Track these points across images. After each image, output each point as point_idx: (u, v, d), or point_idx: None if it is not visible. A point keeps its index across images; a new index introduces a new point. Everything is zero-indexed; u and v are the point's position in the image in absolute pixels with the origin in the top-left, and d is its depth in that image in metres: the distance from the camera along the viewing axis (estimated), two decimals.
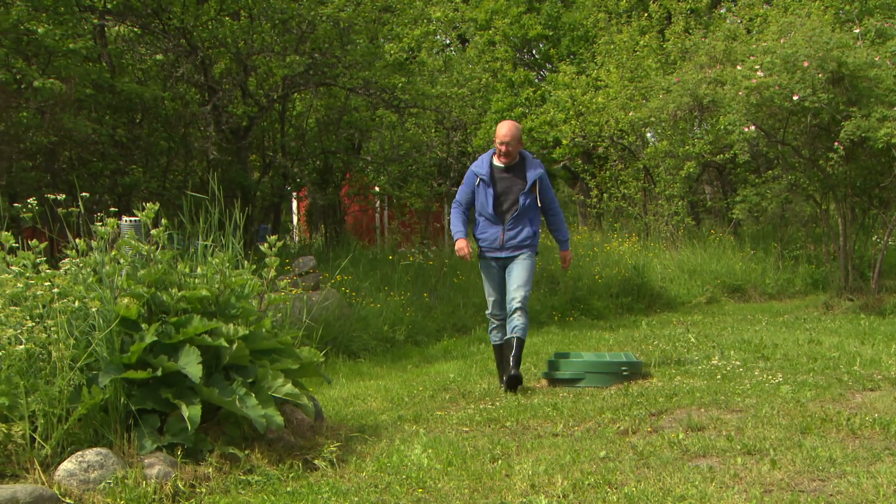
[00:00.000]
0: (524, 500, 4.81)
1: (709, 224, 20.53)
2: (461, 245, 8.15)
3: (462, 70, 18.19)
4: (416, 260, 15.38)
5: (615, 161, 20.58)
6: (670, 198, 18.90)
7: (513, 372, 7.85)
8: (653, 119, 18.06)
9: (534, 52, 26.09)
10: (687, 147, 18.35)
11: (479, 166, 8.05)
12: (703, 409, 6.77)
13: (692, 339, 10.51)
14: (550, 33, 24.27)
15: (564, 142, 20.95)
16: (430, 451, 5.87)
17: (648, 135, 20.67)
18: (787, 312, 13.96)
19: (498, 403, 7.53)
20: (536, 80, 24.92)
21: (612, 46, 20.62)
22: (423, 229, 19.63)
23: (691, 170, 18.67)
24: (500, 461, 5.61)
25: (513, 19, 23.73)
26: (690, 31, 18.89)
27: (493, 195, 7.95)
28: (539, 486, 4.96)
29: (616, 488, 4.89)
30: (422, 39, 16.91)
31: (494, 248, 8.01)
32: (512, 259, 7.98)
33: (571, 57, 23.51)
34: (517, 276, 7.91)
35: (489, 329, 8.41)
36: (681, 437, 5.91)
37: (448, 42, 21.87)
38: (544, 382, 8.44)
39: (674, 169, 18.75)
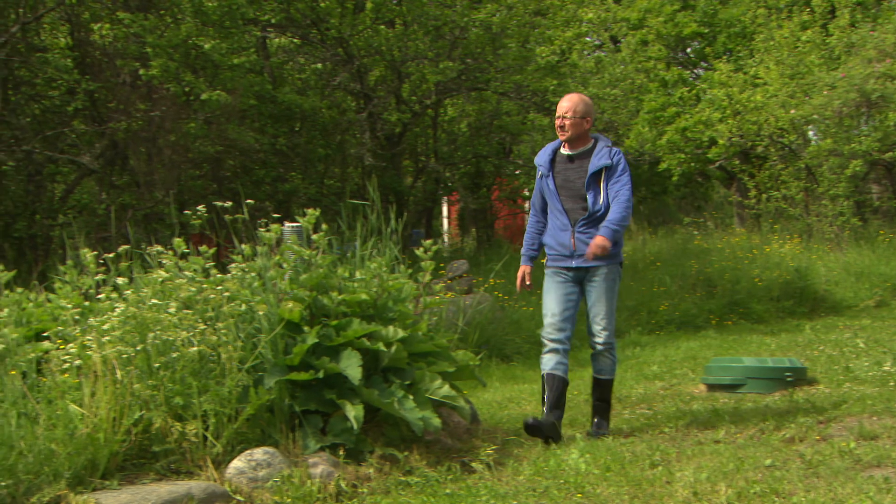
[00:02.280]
0: None
1: (877, 225, 19.76)
2: (519, 275, 6.65)
3: (614, 71, 18.05)
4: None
5: (775, 160, 20.01)
6: (835, 198, 18.26)
7: (596, 425, 6.58)
8: (815, 116, 17.49)
9: (688, 50, 25.62)
10: (853, 145, 17.71)
11: (541, 155, 6.53)
12: (875, 418, 6.47)
13: (861, 345, 10.10)
14: (706, 31, 23.76)
15: (721, 141, 20.49)
16: (587, 455, 5.83)
17: (810, 133, 20.03)
18: None
19: (656, 409, 7.44)
20: (691, 79, 24.46)
21: (771, 43, 20.06)
22: None
23: (857, 168, 18.00)
24: (659, 467, 5.50)
25: (666, 17, 23.33)
26: (857, 25, 18.22)
27: (555, 189, 6.40)
28: (702, 493, 4.83)
29: (784, 498, 4.72)
30: (573, 41, 16.84)
31: (563, 257, 6.39)
32: (587, 272, 6.37)
33: (728, 54, 22.96)
34: (598, 306, 6.41)
35: (542, 352, 6.61)
36: (852, 445, 5.63)
37: (600, 43, 21.71)
38: (703, 388, 8.28)
39: (838, 168, 18.11)
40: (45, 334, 5.70)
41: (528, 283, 6.61)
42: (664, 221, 21.38)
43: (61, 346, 5.48)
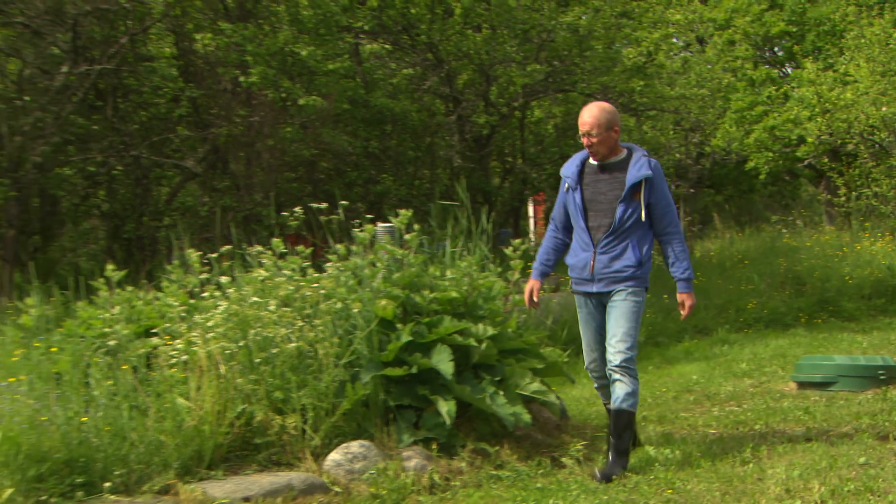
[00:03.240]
0: None
1: None
2: (527, 290, 5.87)
3: (701, 71, 17.82)
4: (656, 262, 15.18)
5: (865, 158, 19.56)
6: None
7: (610, 465, 5.46)
8: None
9: (776, 49, 25.17)
10: None
11: (568, 166, 5.68)
12: None
13: None
14: (794, 29, 23.32)
15: (809, 140, 20.11)
16: (677, 452, 5.79)
17: None
18: None
19: (745, 406, 7.34)
20: (779, 78, 24.03)
21: (862, 40, 19.61)
22: None
23: None
24: (750, 464, 5.42)
25: (754, 17, 22.94)
26: None
27: (582, 204, 5.53)
28: (794, 490, 4.74)
29: (879, 496, 4.60)
30: (660, 42, 16.66)
31: (584, 280, 5.59)
32: (608, 296, 5.54)
33: (817, 53, 22.53)
34: (615, 324, 5.50)
35: (594, 386, 6.01)
36: None
37: (687, 44, 21.46)
38: (793, 385, 8.14)
39: None
40: (153, 331, 5.84)
41: (535, 299, 5.82)
42: (751, 220, 21.08)
43: (169, 342, 5.62)
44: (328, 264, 6.32)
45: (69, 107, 10.36)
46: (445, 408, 5.64)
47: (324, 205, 6.78)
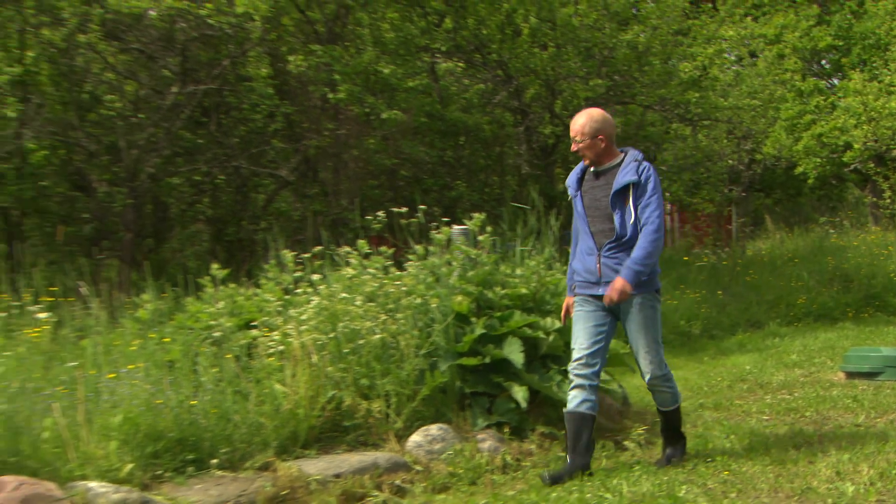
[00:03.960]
0: (830, 486, 4.53)
1: None
2: (564, 307, 5.48)
3: (752, 83, 17.55)
4: (710, 260, 15.02)
5: None
6: None
7: (666, 454, 5.36)
8: None
9: (823, 62, 24.65)
10: None
11: (571, 175, 5.32)
12: None
13: None
14: (840, 43, 22.79)
15: (856, 146, 19.66)
16: (732, 437, 5.74)
17: None
18: None
19: (796, 394, 7.23)
20: (826, 89, 23.53)
21: None
22: (715, 232, 19.12)
23: None
24: (802, 448, 5.34)
25: (802, 32, 22.47)
26: None
27: (582, 210, 5.19)
28: (844, 473, 4.66)
29: None
30: (714, 57, 16.44)
31: (591, 283, 5.13)
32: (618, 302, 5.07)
33: (862, 65, 22.03)
34: (638, 340, 5.14)
35: (568, 387, 5.25)
36: None
37: (739, 58, 21.13)
38: (841, 375, 7.99)
39: None
40: (253, 323, 5.94)
41: (571, 314, 5.36)
42: (800, 221, 20.68)
43: (267, 334, 5.72)
44: (408, 263, 6.37)
45: (178, 123, 10.57)
46: (520, 394, 5.66)
47: (404, 209, 6.84)
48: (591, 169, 5.18)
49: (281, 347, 5.53)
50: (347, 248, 6.34)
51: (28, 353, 5.10)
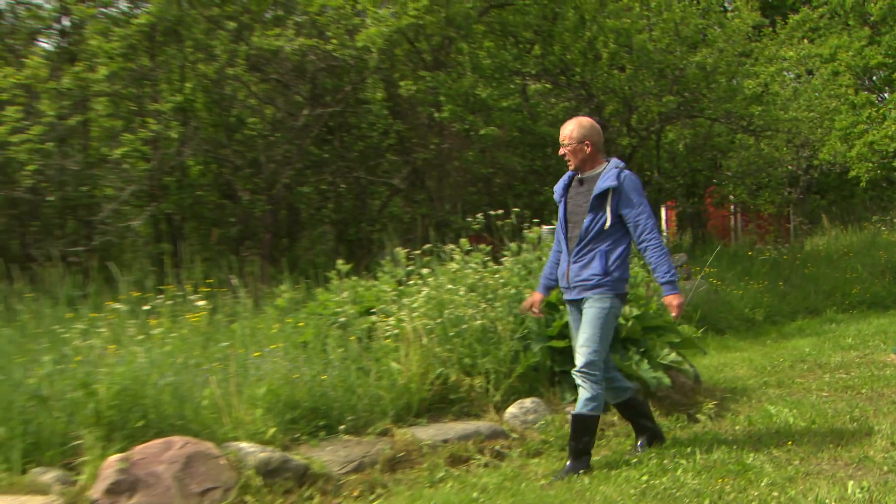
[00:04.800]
0: (886, 455, 4.43)
1: None
2: (527, 301, 5.12)
3: (810, 97, 17.00)
4: (771, 255, 14.62)
5: None
6: None
7: (567, 467, 4.60)
8: None
9: (874, 77, 23.69)
10: None
11: (559, 182, 4.92)
12: None
13: None
14: (890, 61, 21.90)
15: None
16: (794, 411, 5.60)
17: None
18: None
19: (852, 374, 6.99)
20: (876, 101, 22.61)
21: None
22: (775, 230, 18.62)
23: None
24: (858, 422, 5.20)
25: (855, 52, 21.66)
26: None
27: (563, 216, 4.77)
28: None
29: None
30: (774, 75, 15.98)
31: (564, 289, 4.75)
32: (582, 303, 4.64)
33: None
34: (581, 331, 4.62)
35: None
36: None
37: (797, 75, 20.46)
38: (894, 357, 7.69)
39: None
40: (372, 310, 6.02)
41: (535, 310, 5.04)
42: (853, 220, 19.96)
43: (384, 319, 5.79)
44: (504, 258, 6.37)
45: (308, 141, 10.77)
46: None
47: (499, 212, 6.87)
48: (577, 176, 4.76)
49: (396, 331, 5.59)
50: (451, 246, 6.36)
51: (189, 334, 5.28)
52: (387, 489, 4.43)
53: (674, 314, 4.61)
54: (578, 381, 4.61)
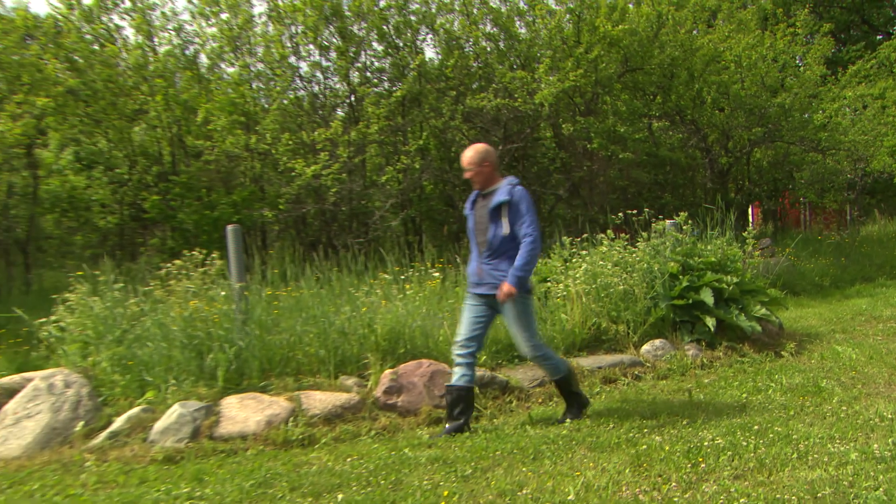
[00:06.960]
0: None
1: None
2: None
3: (864, 125, 14.89)
4: (835, 239, 12.99)
5: None
6: None
7: (566, 413, 3.95)
8: None
9: None
10: None
11: (469, 198, 3.96)
12: None
13: None
14: None
15: None
16: (856, 349, 5.00)
17: None
18: None
19: None
20: None
21: None
22: (837, 221, 16.62)
23: None
24: None
25: None
26: None
27: (472, 225, 3.86)
28: None
29: None
30: (837, 109, 14.10)
31: (475, 284, 3.83)
32: (494, 298, 3.77)
33: None
34: (513, 329, 3.82)
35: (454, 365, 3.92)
36: None
37: (855, 109, 17.91)
38: None
39: None
40: (546, 279, 5.94)
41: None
42: None
43: (555, 286, 5.70)
44: (639, 243, 6.09)
45: (502, 167, 10.73)
46: (710, 322, 5.26)
47: (633, 212, 6.56)
48: (480, 192, 3.85)
49: (563, 293, 5.51)
50: (601, 235, 6.16)
51: (430, 294, 5.41)
52: (560, 398, 4.32)
53: (499, 297, 3.69)
54: (538, 363, 3.91)
